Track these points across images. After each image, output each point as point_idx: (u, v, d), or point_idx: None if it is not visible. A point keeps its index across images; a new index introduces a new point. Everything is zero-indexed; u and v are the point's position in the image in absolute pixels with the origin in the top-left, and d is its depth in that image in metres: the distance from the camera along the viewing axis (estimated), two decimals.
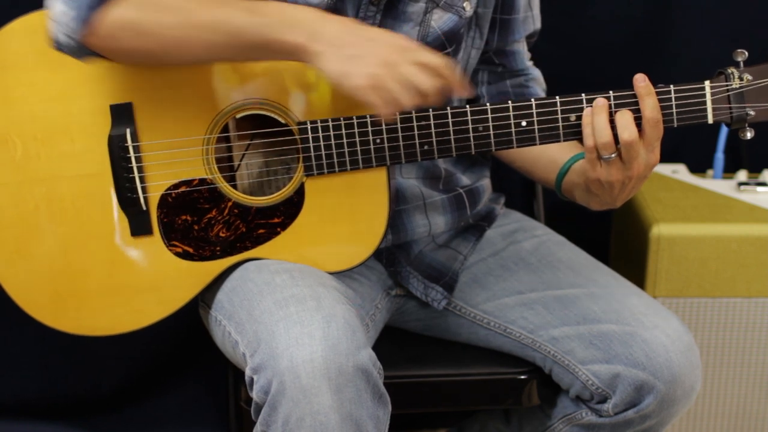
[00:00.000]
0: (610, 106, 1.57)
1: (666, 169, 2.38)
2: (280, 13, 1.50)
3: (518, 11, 1.81)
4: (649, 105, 1.56)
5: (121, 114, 1.62)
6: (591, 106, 1.57)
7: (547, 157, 1.76)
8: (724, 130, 2.31)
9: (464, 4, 1.71)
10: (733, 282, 2.14)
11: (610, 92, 1.58)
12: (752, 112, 1.58)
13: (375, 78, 1.46)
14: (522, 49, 1.87)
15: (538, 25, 1.86)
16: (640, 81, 1.56)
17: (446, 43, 1.71)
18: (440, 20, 1.70)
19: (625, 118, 1.55)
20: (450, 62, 1.50)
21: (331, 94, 1.60)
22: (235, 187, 1.68)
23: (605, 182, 1.59)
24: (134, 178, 1.64)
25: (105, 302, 1.69)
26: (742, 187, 2.27)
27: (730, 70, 1.59)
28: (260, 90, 1.61)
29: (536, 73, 1.90)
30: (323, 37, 1.48)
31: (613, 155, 1.56)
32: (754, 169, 2.38)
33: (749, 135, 1.59)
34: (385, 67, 1.46)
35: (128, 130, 1.62)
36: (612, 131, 1.56)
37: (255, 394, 1.51)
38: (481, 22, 1.78)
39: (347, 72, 1.47)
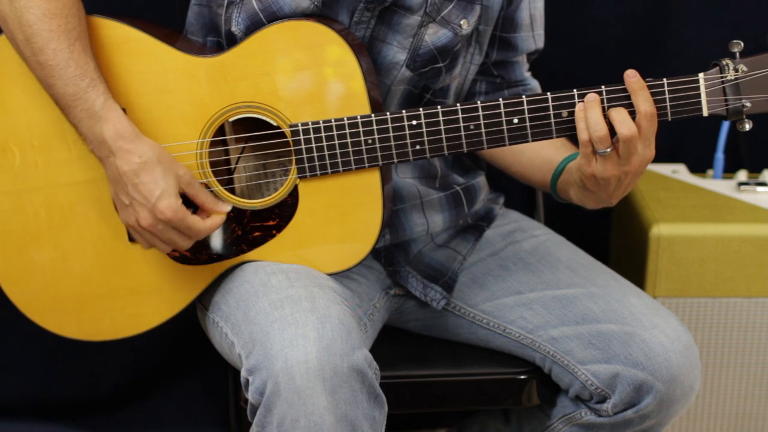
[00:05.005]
0: (602, 101, 1.55)
1: (666, 169, 2.37)
2: (89, 109, 1.57)
3: (519, 30, 1.80)
4: (644, 99, 1.53)
5: None
6: (582, 101, 1.56)
7: (542, 159, 1.76)
8: (724, 130, 2.30)
9: (461, 22, 1.70)
10: (733, 282, 2.13)
11: (602, 87, 1.55)
12: (748, 104, 1.55)
13: (138, 232, 1.59)
14: (521, 61, 1.87)
15: (540, 44, 1.85)
16: (632, 76, 1.54)
17: (438, 57, 1.71)
18: (434, 35, 1.70)
19: (621, 114, 1.53)
20: (216, 200, 1.62)
21: (323, 96, 1.60)
22: (233, 190, 1.69)
23: (600, 178, 1.57)
24: None
25: (105, 306, 1.70)
26: (742, 187, 2.26)
27: (725, 62, 1.55)
28: (251, 93, 1.61)
29: (534, 83, 1.89)
30: (108, 168, 1.58)
31: (608, 149, 1.54)
32: (754, 169, 2.37)
33: (747, 126, 1.56)
34: (147, 229, 1.57)
35: None
36: (606, 125, 1.54)
37: (250, 395, 1.51)
38: (482, 39, 1.77)
39: (119, 209, 1.60)
